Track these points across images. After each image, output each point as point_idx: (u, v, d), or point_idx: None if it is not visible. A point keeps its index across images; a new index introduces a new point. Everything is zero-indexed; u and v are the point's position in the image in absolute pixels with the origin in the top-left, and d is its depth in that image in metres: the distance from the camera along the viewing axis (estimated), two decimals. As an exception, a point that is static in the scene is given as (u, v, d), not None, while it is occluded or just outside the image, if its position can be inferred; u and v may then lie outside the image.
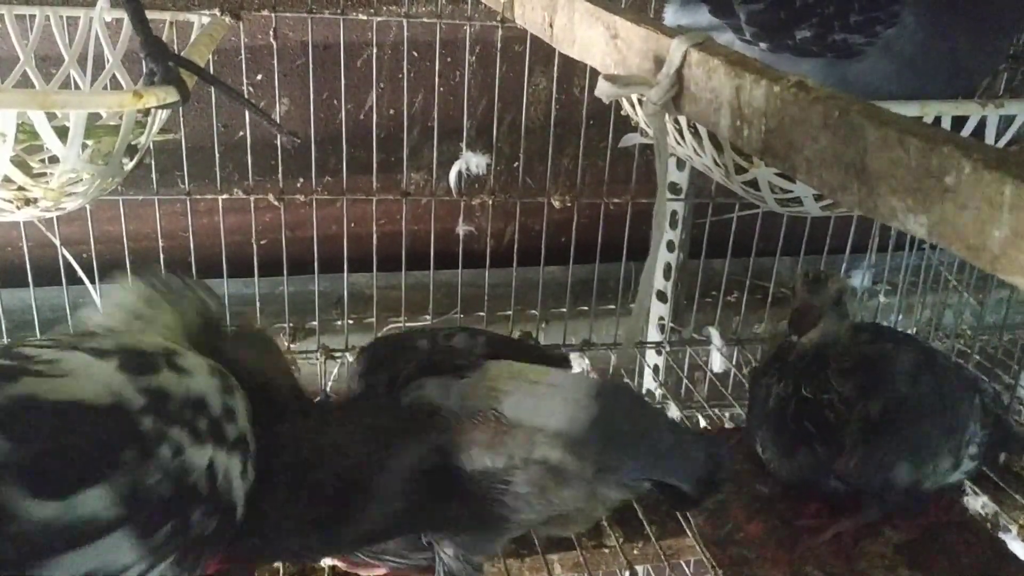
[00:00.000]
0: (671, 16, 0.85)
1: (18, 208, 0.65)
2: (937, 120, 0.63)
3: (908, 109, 0.60)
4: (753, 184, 0.75)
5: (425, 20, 1.06)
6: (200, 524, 0.52)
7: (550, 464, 0.63)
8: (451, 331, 0.76)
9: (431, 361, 0.70)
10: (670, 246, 1.28)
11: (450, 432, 0.64)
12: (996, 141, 0.66)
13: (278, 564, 0.79)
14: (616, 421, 0.65)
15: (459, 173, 1.08)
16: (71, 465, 0.46)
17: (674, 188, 1.23)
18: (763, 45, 0.73)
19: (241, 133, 1.13)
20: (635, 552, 0.84)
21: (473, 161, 1.08)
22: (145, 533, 0.47)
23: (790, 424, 0.83)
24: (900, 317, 1.37)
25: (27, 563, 0.43)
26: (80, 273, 1.05)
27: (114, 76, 0.90)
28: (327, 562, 0.78)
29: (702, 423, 1.11)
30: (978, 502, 0.89)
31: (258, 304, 1.09)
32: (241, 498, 0.57)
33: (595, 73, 0.60)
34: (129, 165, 0.71)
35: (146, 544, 0.47)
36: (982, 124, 0.65)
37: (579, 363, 1.14)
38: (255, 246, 1.06)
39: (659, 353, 1.28)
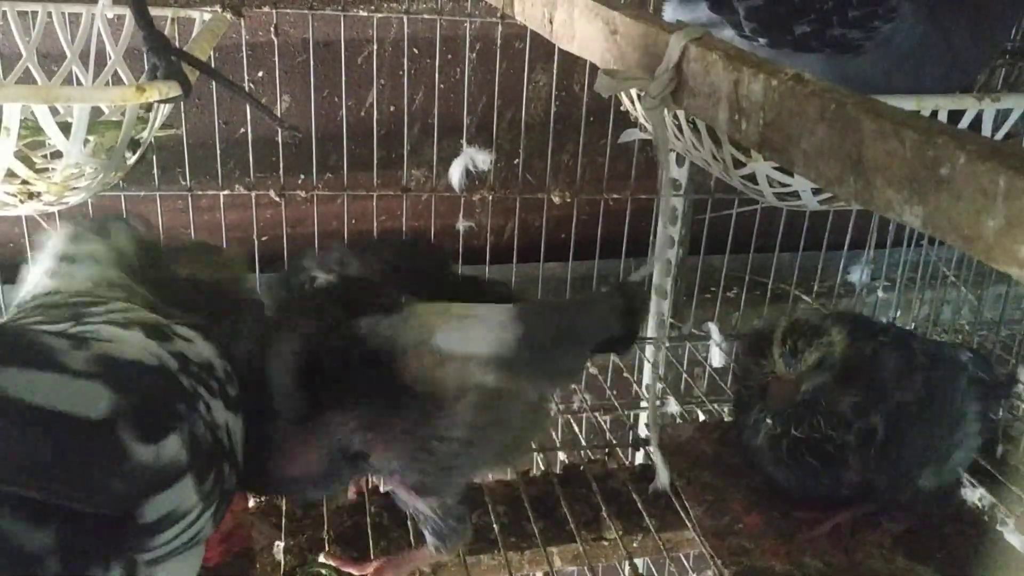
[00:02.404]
0: (670, 12, 0.85)
1: (21, 202, 0.65)
2: (934, 114, 0.63)
3: (905, 103, 0.61)
4: (752, 178, 0.76)
5: (425, 17, 1.07)
6: (228, 478, 0.56)
7: (487, 387, 0.65)
8: (340, 255, 0.76)
9: (352, 300, 0.70)
10: (670, 242, 1.28)
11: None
12: (992, 135, 0.66)
13: (280, 559, 0.80)
14: (541, 331, 0.69)
15: (465, 169, 1.09)
16: (157, 414, 0.50)
17: (674, 184, 1.24)
18: (762, 41, 0.74)
19: (242, 129, 1.13)
20: (635, 545, 0.85)
21: (479, 158, 1.08)
22: (201, 479, 0.51)
23: (787, 460, 0.81)
24: (898, 313, 1.37)
25: (137, 500, 0.47)
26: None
27: (116, 72, 0.91)
28: (322, 560, 0.78)
29: (701, 417, 1.12)
30: (975, 494, 0.90)
31: (259, 300, 1.10)
32: (241, 456, 0.59)
33: (595, 69, 0.61)
34: (131, 159, 0.71)
35: (201, 490, 0.51)
36: (979, 118, 0.65)
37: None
38: (256, 242, 1.06)
39: (658, 349, 1.28)
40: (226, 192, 1.05)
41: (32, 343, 0.48)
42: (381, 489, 0.89)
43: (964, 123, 0.65)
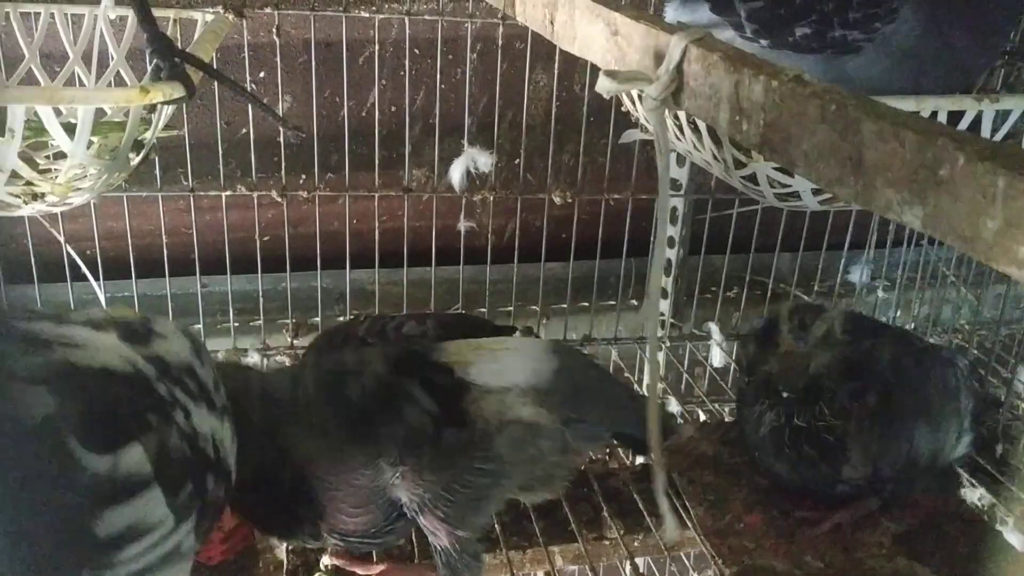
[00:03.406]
0: (671, 13, 0.85)
1: (25, 203, 0.66)
2: (934, 115, 0.63)
3: (905, 104, 0.61)
4: (752, 179, 0.76)
5: (427, 18, 1.07)
6: (213, 490, 0.55)
7: (524, 421, 0.66)
8: (399, 319, 0.77)
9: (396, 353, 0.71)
10: (670, 242, 1.29)
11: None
12: (992, 136, 0.67)
13: (282, 558, 0.80)
14: (575, 373, 0.70)
15: (466, 170, 1.09)
16: (113, 423, 0.48)
17: (674, 184, 1.24)
18: (763, 42, 0.74)
19: (244, 130, 1.14)
20: (636, 544, 0.85)
21: (480, 159, 1.08)
22: (173, 491, 0.50)
23: (787, 450, 0.82)
24: (898, 313, 1.37)
25: (92, 511, 0.45)
26: (84, 270, 1.06)
27: (118, 73, 0.91)
28: (326, 561, 0.79)
29: (702, 417, 1.12)
30: (975, 494, 0.90)
31: (261, 300, 1.10)
32: (233, 465, 0.58)
33: (596, 70, 0.61)
34: (135, 160, 0.72)
35: (173, 502, 0.49)
36: (978, 119, 0.66)
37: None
38: (258, 242, 1.07)
39: (659, 348, 1.29)
40: (228, 192, 1.05)
41: None
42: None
43: (963, 124, 0.65)
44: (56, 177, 0.65)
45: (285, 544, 0.81)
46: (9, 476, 0.43)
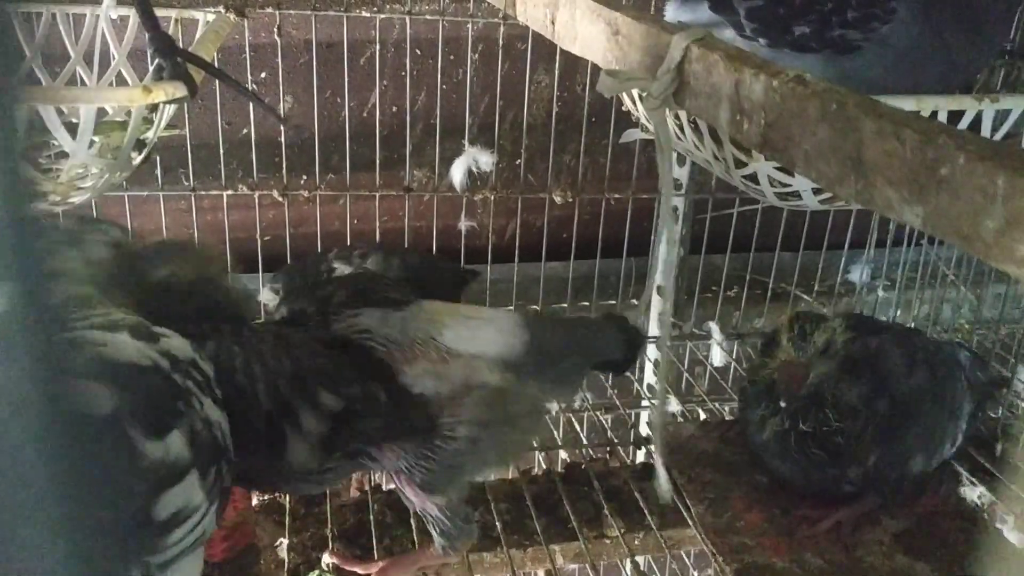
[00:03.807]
0: (672, 13, 0.86)
1: (28, 202, 0.66)
2: (934, 114, 0.63)
3: (905, 103, 0.61)
4: (753, 178, 0.76)
5: (428, 18, 1.07)
6: (227, 475, 0.56)
7: (491, 387, 0.67)
8: (364, 250, 0.77)
9: (361, 290, 0.71)
10: (671, 242, 1.29)
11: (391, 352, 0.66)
12: (992, 136, 0.67)
13: (283, 556, 0.80)
14: (545, 343, 0.71)
15: (467, 170, 1.09)
16: (159, 411, 0.50)
17: (675, 184, 1.24)
18: (763, 41, 0.74)
19: (245, 130, 1.14)
20: (636, 542, 0.86)
21: (482, 159, 1.08)
22: (204, 475, 0.52)
23: (794, 454, 0.82)
24: (898, 312, 1.38)
25: (152, 496, 0.48)
26: (86, 269, 1.06)
27: (120, 73, 0.91)
28: (327, 559, 0.79)
29: (702, 416, 1.12)
30: (975, 492, 0.90)
31: (262, 300, 1.10)
32: (232, 454, 0.59)
33: (597, 70, 0.61)
34: (137, 160, 0.72)
35: (205, 485, 0.52)
36: (979, 119, 0.66)
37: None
38: (259, 242, 1.07)
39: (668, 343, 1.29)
40: (229, 192, 1.05)
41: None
42: (384, 487, 0.90)
43: (964, 123, 0.65)
44: (58, 176, 0.65)
45: (286, 542, 0.81)
46: (83, 468, 0.44)
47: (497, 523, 0.84)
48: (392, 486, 0.78)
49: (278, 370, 0.64)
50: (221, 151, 1.04)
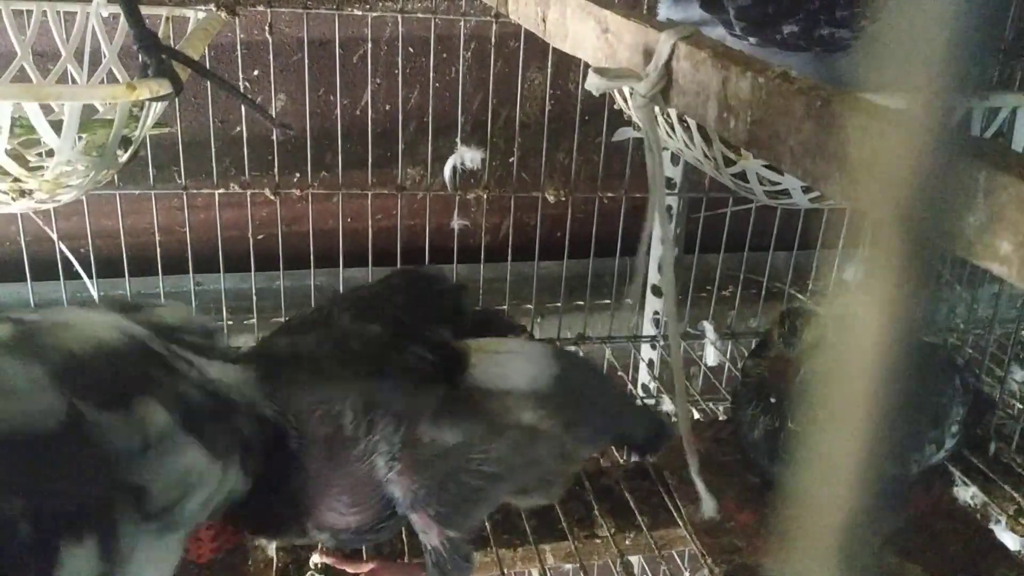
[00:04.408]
0: (664, 11, 0.85)
1: (13, 199, 0.66)
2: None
3: (893, 101, 0.61)
4: (742, 176, 0.76)
5: (420, 16, 1.07)
6: (246, 426, 0.57)
7: (524, 425, 0.65)
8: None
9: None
10: (663, 240, 1.28)
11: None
12: (981, 134, 0.67)
13: (272, 556, 0.80)
14: (575, 380, 0.70)
15: (454, 168, 1.09)
16: (116, 384, 0.51)
17: (668, 183, 1.24)
18: (752, 40, 0.74)
19: (238, 128, 1.14)
20: (627, 543, 0.85)
21: (468, 156, 1.08)
22: (204, 438, 0.52)
23: (783, 454, 0.82)
24: (893, 312, 1.37)
25: (124, 464, 0.48)
26: (78, 268, 1.06)
27: (111, 71, 0.91)
28: (316, 559, 0.78)
29: (696, 416, 1.12)
30: (967, 492, 0.90)
31: (254, 299, 1.10)
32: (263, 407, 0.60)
33: (588, 69, 0.61)
34: (123, 157, 0.71)
35: (210, 449, 0.52)
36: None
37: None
38: (251, 241, 1.07)
39: (654, 347, 1.29)
40: (221, 191, 1.05)
41: None
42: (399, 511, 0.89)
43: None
44: (44, 174, 0.65)
45: (274, 543, 0.80)
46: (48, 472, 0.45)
47: (486, 522, 0.84)
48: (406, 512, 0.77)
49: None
50: (213, 149, 1.03)
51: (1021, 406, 1.13)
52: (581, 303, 1.22)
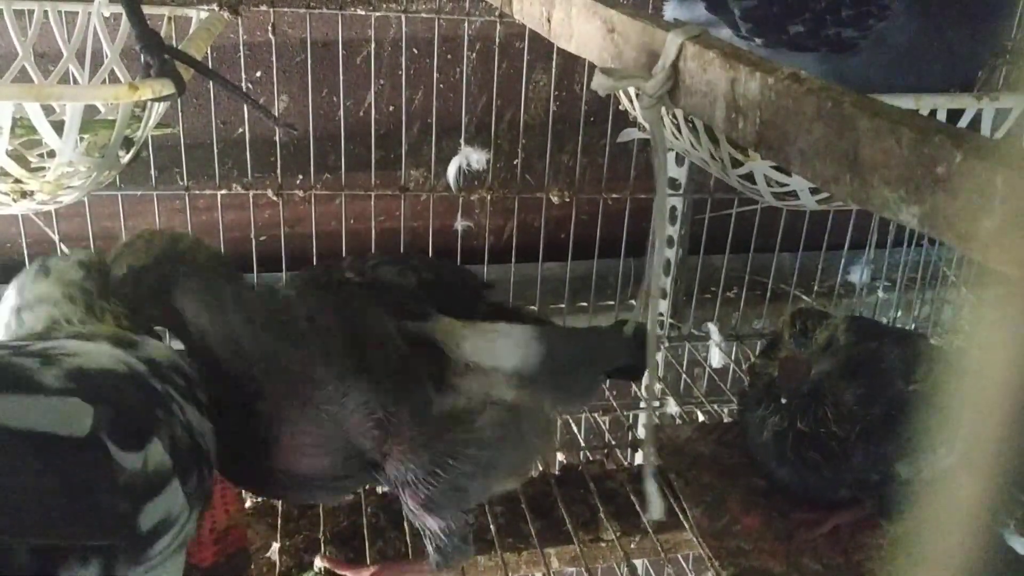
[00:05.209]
0: (670, 12, 0.85)
1: (14, 201, 0.65)
2: (933, 113, 0.63)
3: (903, 102, 0.60)
4: (749, 177, 0.75)
5: (424, 16, 1.07)
6: (207, 479, 0.56)
7: (507, 402, 0.66)
8: (376, 260, 0.76)
9: (380, 303, 0.70)
10: (669, 242, 1.28)
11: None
12: (992, 135, 0.66)
13: (274, 559, 0.79)
14: (561, 356, 0.71)
15: (458, 169, 1.08)
16: (135, 421, 0.50)
17: (673, 184, 1.23)
18: (758, 41, 0.73)
19: (240, 129, 1.13)
20: (632, 546, 0.85)
21: (473, 157, 1.08)
22: (185, 481, 0.52)
23: (790, 456, 0.82)
24: (899, 313, 1.37)
25: (136, 507, 0.47)
26: (79, 269, 1.05)
27: (113, 71, 0.90)
28: (318, 563, 0.78)
29: (701, 418, 1.12)
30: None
31: (257, 300, 1.09)
32: (214, 459, 0.59)
33: (594, 69, 0.60)
34: (125, 158, 0.71)
35: (186, 491, 0.52)
36: (979, 118, 0.65)
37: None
38: (254, 242, 1.06)
39: (658, 348, 1.28)
40: (224, 192, 1.05)
41: (3, 366, 0.47)
42: (379, 490, 0.89)
43: (963, 122, 0.64)
44: (46, 175, 0.65)
45: (278, 545, 0.80)
46: (62, 486, 0.44)
47: (491, 526, 0.83)
48: (386, 489, 0.77)
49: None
50: (216, 150, 1.03)
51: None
52: (585, 304, 1.22)
